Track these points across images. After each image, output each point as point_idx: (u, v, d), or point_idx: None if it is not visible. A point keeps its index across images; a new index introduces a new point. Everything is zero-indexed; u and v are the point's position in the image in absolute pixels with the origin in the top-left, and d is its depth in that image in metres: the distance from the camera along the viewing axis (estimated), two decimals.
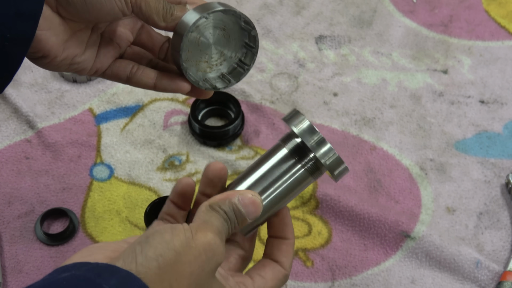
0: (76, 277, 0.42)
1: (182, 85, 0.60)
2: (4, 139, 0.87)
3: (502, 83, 0.97)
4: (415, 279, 0.77)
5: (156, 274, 0.44)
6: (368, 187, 0.85)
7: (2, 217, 0.80)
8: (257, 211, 0.51)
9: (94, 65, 0.60)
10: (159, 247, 0.45)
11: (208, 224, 0.48)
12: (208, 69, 0.61)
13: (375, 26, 1.03)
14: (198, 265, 0.46)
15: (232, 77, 0.61)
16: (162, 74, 0.61)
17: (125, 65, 0.61)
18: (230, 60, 0.62)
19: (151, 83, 0.61)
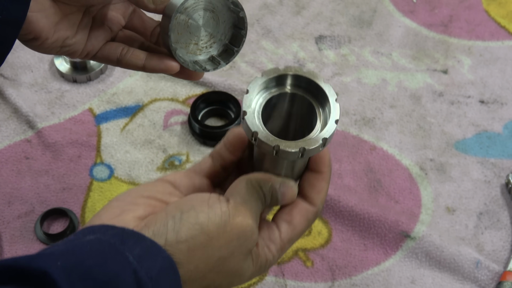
0: (100, 241, 0.42)
1: (171, 65, 0.60)
2: (4, 139, 0.87)
3: (502, 83, 0.97)
4: (415, 279, 0.77)
5: (185, 255, 0.44)
6: (368, 187, 0.85)
7: (2, 217, 0.80)
8: (291, 200, 0.51)
9: (85, 48, 0.61)
10: (192, 228, 0.44)
11: (247, 206, 0.47)
12: (197, 52, 0.61)
13: (375, 26, 1.03)
14: (229, 250, 0.46)
15: (222, 59, 0.62)
16: (152, 55, 0.61)
17: (116, 47, 0.62)
18: (220, 42, 0.62)
19: (140, 64, 0.61)
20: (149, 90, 0.93)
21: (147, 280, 0.41)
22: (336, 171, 0.86)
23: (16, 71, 0.94)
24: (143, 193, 0.48)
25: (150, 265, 0.41)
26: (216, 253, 0.45)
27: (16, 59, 0.95)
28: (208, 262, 0.45)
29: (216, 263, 0.45)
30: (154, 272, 0.41)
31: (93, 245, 0.41)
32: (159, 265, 0.42)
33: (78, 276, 0.39)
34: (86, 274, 0.39)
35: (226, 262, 0.46)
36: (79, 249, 0.41)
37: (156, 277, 0.41)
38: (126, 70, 0.95)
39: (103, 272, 0.40)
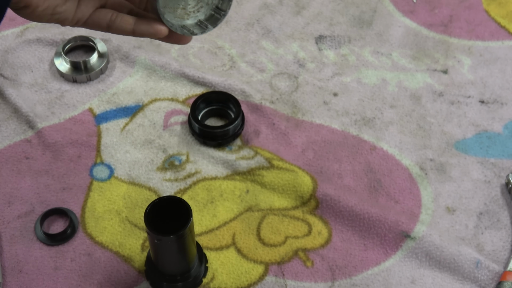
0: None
1: (160, 29, 0.61)
2: (4, 139, 0.87)
3: (502, 83, 0.97)
4: (415, 279, 0.77)
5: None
6: (368, 187, 0.85)
7: (2, 217, 0.80)
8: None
9: (75, 15, 0.62)
10: None
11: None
12: (185, 16, 0.63)
13: (375, 26, 1.03)
14: None
15: (210, 23, 0.63)
16: (141, 19, 0.63)
17: (105, 13, 0.63)
18: (207, 7, 0.63)
19: (129, 29, 0.63)
20: (149, 90, 0.93)
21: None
22: (336, 171, 0.86)
23: (16, 71, 0.94)
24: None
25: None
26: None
27: (16, 59, 0.95)
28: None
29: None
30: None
31: None
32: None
33: None
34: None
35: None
36: None
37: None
38: (126, 70, 0.95)
39: None
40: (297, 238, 0.80)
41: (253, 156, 0.86)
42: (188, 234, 0.67)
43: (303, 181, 0.83)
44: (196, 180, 0.85)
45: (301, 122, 0.91)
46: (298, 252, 0.79)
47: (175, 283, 0.74)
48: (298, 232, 0.81)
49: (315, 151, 0.88)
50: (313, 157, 0.87)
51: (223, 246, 0.80)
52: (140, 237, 0.80)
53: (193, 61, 0.97)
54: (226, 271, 0.78)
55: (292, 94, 0.94)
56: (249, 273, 0.77)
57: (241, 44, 1.00)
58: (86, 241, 0.79)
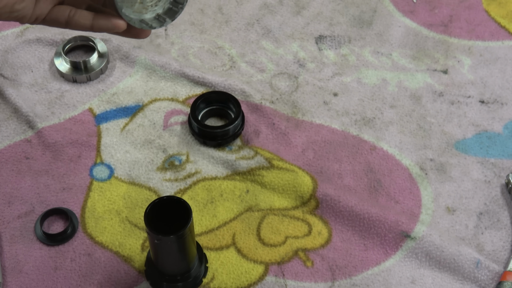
0: None
1: (118, 23, 0.62)
2: (4, 139, 0.87)
3: (502, 83, 0.97)
4: (415, 279, 0.77)
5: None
6: (368, 187, 0.85)
7: (2, 217, 0.80)
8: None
9: (34, 13, 0.62)
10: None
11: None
12: (143, 10, 0.63)
13: (375, 26, 1.03)
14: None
15: (168, 16, 0.64)
16: (99, 15, 0.63)
17: (63, 10, 0.63)
18: (165, 1, 0.64)
19: (88, 24, 0.63)
20: (149, 90, 0.93)
21: None
22: (336, 171, 0.86)
23: (16, 71, 0.94)
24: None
25: None
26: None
27: (16, 59, 0.95)
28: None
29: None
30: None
31: None
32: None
33: None
34: None
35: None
36: None
37: None
38: (126, 70, 0.95)
39: None
40: (297, 238, 0.80)
41: (253, 156, 0.86)
42: (188, 234, 0.67)
43: (303, 181, 0.83)
44: (196, 180, 0.85)
45: (301, 122, 0.91)
46: (298, 252, 0.79)
47: (175, 283, 0.74)
48: (298, 232, 0.81)
49: (315, 151, 0.88)
50: (313, 157, 0.87)
51: (223, 246, 0.80)
52: (140, 237, 0.80)
53: (193, 61, 0.97)
54: (226, 271, 0.78)
55: (292, 94, 0.94)
56: (249, 273, 0.77)
57: (241, 44, 1.00)
58: (86, 241, 0.79)
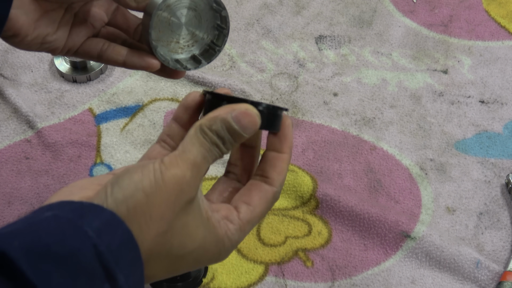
0: (58, 218, 0.40)
1: (152, 62, 0.60)
2: (4, 139, 0.87)
3: (502, 83, 0.97)
4: (415, 279, 0.77)
5: (125, 216, 0.42)
6: (368, 187, 0.85)
7: (2, 217, 0.80)
8: (254, 124, 0.46)
9: (66, 45, 0.61)
10: (128, 188, 0.42)
11: (183, 156, 0.44)
12: (179, 50, 0.62)
13: (375, 26, 1.03)
14: (168, 206, 0.43)
15: (204, 58, 0.62)
16: (133, 51, 0.61)
17: (96, 43, 0.62)
18: (202, 41, 0.62)
19: (121, 60, 0.61)
20: (149, 90, 0.93)
21: (108, 253, 0.40)
22: (336, 171, 0.86)
23: (16, 71, 0.94)
24: (94, 181, 0.47)
25: (110, 239, 0.40)
26: (157, 210, 0.43)
27: (16, 59, 0.95)
28: (151, 223, 0.43)
29: (159, 224, 0.43)
30: (114, 245, 0.40)
31: (50, 222, 0.40)
32: (119, 238, 0.41)
33: (36, 254, 0.38)
34: (45, 251, 0.38)
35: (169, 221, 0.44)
36: (36, 227, 0.40)
37: (117, 250, 0.41)
38: (126, 70, 0.95)
39: (62, 248, 0.39)
40: (297, 238, 0.80)
41: None
42: None
43: (303, 181, 0.83)
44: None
45: (301, 122, 0.91)
46: (298, 252, 0.79)
47: (175, 283, 0.74)
48: (298, 232, 0.81)
49: (315, 151, 0.88)
50: (313, 157, 0.87)
51: None
52: None
53: None
54: (226, 271, 0.78)
55: (292, 94, 0.94)
56: (249, 273, 0.77)
57: (241, 44, 1.00)
58: None
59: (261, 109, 0.47)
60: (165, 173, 0.43)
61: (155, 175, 0.43)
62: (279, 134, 0.51)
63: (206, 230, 0.46)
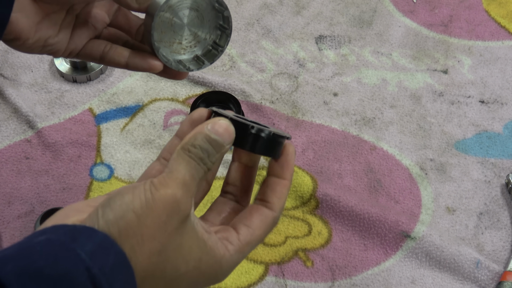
0: (51, 241, 0.41)
1: (154, 64, 0.59)
2: (4, 139, 0.87)
3: (502, 83, 0.97)
4: (415, 279, 0.77)
5: (117, 238, 0.42)
6: (368, 187, 0.85)
7: (2, 217, 0.80)
8: (229, 132, 0.47)
9: (68, 47, 0.60)
10: (119, 209, 0.43)
11: (172, 176, 0.44)
12: (181, 51, 0.61)
13: (375, 26, 1.03)
14: (160, 226, 0.43)
15: (206, 58, 0.62)
16: (135, 53, 0.60)
17: (98, 44, 0.61)
18: (204, 42, 0.62)
19: (123, 62, 0.60)
20: (149, 90, 0.93)
21: (101, 276, 0.40)
22: (336, 171, 0.86)
23: (16, 71, 0.94)
24: (90, 203, 0.47)
25: (103, 261, 0.40)
26: (149, 231, 0.43)
27: (16, 59, 0.95)
28: (143, 244, 0.43)
29: (152, 245, 0.43)
30: (107, 268, 0.40)
31: (43, 245, 0.40)
32: (112, 260, 0.41)
33: (29, 277, 0.38)
34: (38, 275, 0.38)
35: (162, 241, 0.44)
36: (29, 251, 0.40)
37: (110, 273, 0.40)
38: (126, 70, 0.95)
39: (55, 271, 0.39)
40: (297, 238, 0.80)
41: None
42: None
43: (303, 181, 0.83)
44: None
45: (301, 122, 0.91)
46: (298, 252, 0.79)
47: None
48: (298, 232, 0.81)
49: (315, 151, 0.88)
50: (313, 157, 0.87)
51: None
52: None
53: None
54: None
55: (292, 94, 0.94)
56: (249, 273, 0.77)
57: (241, 44, 1.00)
58: None
59: (263, 136, 0.48)
60: (155, 194, 0.43)
61: (146, 195, 0.43)
62: (281, 161, 0.52)
63: (201, 251, 0.46)
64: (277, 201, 0.51)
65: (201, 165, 0.46)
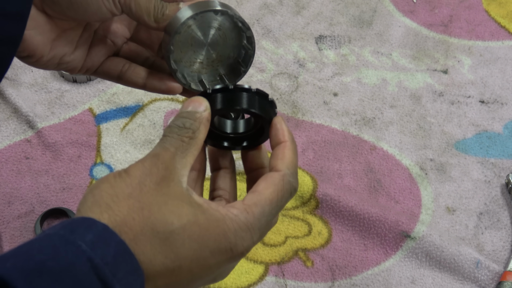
0: (49, 236, 0.41)
1: (172, 86, 0.58)
2: (4, 139, 0.87)
3: (502, 83, 0.97)
4: (415, 279, 0.77)
5: (92, 202, 0.44)
6: (368, 187, 0.85)
7: (2, 217, 0.80)
8: (199, 100, 0.49)
9: (85, 64, 0.58)
10: (96, 183, 0.45)
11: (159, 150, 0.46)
12: (203, 70, 0.59)
13: (375, 26, 1.03)
14: (134, 188, 0.44)
15: (228, 79, 0.59)
16: (153, 74, 0.59)
17: (117, 63, 0.59)
18: (226, 61, 0.59)
19: (141, 82, 0.59)
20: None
21: (103, 266, 0.40)
22: (336, 171, 0.86)
23: (16, 71, 0.94)
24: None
25: (104, 251, 0.40)
26: (123, 191, 0.44)
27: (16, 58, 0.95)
28: (119, 202, 0.44)
29: (130, 202, 0.44)
30: (109, 257, 0.40)
31: (42, 241, 0.40)
32: (113, 250, 0.41)
33: (31, 271, 0.38)
34: (39, 268, 0.38)
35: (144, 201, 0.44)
36: (28, 248, 0.40)
37: (113, 262, 0.40)
38: None
39: (57, 264, 0.39)
40: (297, 238, 0.80)
41: None
42: None
43: (303, 181, 0.83)
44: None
45: (301, 122, 0.91)
46: (298, 252, 0.79)
47: None
48: (298, 232, 0.81)
49: (315, 151, 0.88)
50: (313, 157, 0.87)
51: None
52: None
53: None
54: None
55: (292, 94, 0.94)
56: (249, 273, 0.77)
57: None
58: None
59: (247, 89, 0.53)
60: (128, 168, 0.45)
61: (119, 171, 0.45)
62: (272, 130, 0.52)
63: (193, 209, 0.45)
64: (280, 162, 0.50)
65: (175, 136, 0.47)
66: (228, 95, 0.51)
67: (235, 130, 0.55)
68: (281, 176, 0.49)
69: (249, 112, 0.51)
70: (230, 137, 0.55)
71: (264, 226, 0.47)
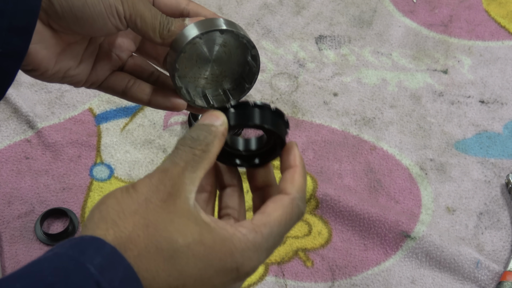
0: (59, 256, 0.41)
1: (177, 103, 0.58)
2: (4, 139, 0.87)
3: (502, 83, 0.97)
4: (415, 279, 0.77)
5: (98, 219, 0.44)
6: (368, 187, 0.85)
7: (2, 217, 0.80)
8: (216, 115, 0.49)
9: (89, 78, 0.58)
10: (102, 199, 0.45)
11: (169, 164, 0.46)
12: (207, 85, 0.59)
13: (375, 26, 1.03)
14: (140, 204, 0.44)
15: (232, 95, 0.59)
16: (157, 90, 0.59)
17: (121, 78, 0.59)
18: (231, 77, 0.59)
19: (145, 99, 0.59)
20: None
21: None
22: (336, 171, 0.86)
23: None
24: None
25: (112, 275, 0.41)
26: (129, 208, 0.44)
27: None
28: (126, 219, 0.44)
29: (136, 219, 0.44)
30: (116, 282, 0.41)
31: (52, 261, 0.40)
32: (121, 274, 0.41)
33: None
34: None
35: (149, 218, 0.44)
36: (38, 268, 0.40)
37: (119, 286, 0.41)
38: None
39: (66, 287, 0.39)
40: (297, 238, 0.80)
41: None
42: None
43: None
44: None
45: (301, 122, 0.91)
46: (298, 252, 0.79)
47: None
48: (298, 232, 0.81)
49: (315, 151, 0.88)
50: (313, 157, 0.87)
51: None
52: None
53: None
54: None
55: (292, 94, 0.94)
56: None
57: None
58: None
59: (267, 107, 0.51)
60: (135, 183, 0.45)
61: (127, 186, 0.45)
62: (284, 152, 0.53)
63: (200, 227, 0.45)
64: (290, 185, 0.50)
65: (187, 148, 0.47)
66: (247, 112, 0.51)
67: (248, 147, 0.55)
68: (291, 200, 0.49)
69: (269, 131, 0.52)
70: (242, 155, 0.55)
71: (271, 247, 0.48)
